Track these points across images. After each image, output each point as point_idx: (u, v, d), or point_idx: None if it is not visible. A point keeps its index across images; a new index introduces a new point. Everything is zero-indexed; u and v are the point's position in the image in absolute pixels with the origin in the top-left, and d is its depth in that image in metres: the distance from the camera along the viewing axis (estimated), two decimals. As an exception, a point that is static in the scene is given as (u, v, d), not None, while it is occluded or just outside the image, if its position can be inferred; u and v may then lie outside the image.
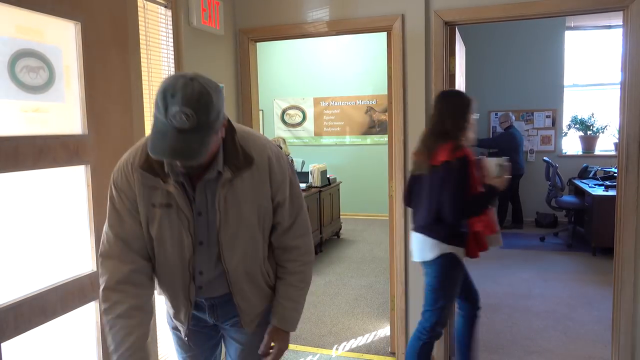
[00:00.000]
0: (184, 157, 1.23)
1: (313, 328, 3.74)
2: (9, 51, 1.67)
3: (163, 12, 2.58)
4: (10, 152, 1.65)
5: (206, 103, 1.21)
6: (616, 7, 2.54)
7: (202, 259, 1.49)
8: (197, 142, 1.22)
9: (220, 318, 1.62)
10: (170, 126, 1.20)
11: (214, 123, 1.25)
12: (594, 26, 7.18)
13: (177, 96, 1.19)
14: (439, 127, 2.39)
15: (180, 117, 1.19)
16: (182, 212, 1.41)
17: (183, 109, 1.18)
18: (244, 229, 1.46)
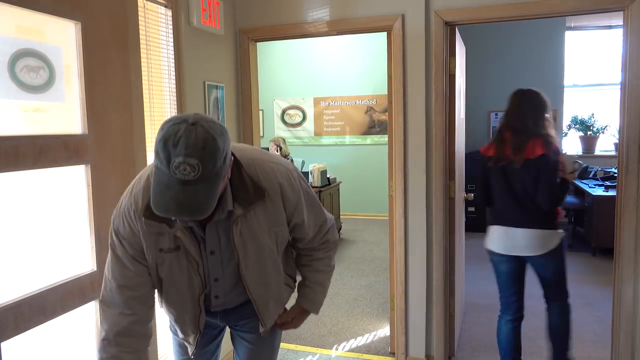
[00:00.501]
0: (191, 212, 1.13)
1: (313, 328, 3.74)
2: (9, 51, 1.67)
3: (163, 12, 2.58)
4: (11, 151, 1.65)
5: (212, 150, 1.11)
6: (616, 7, 2.54)
7: (217, 290, 1.49)
8: (204, 194, 1.13)
9: (232, 321, 1.62)
10: (173, 178, 1.10)
11: (220, 170, 1.15)
12: (594, 26, 7.18)
13: (180, 145, 1.09)
14: (521, 125, 2.61)
15: (184, 169, 1.09)
16: (190, 255, 1.37)
17: (187, 159, 1.08)
18: (266, 258, 1.44)
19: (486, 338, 3.49)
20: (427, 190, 2.95)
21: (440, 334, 3.03)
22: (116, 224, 1.37)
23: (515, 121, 2.65)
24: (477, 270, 5.03)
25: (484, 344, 3.39)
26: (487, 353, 3.27)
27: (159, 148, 1.11)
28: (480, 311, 3.98)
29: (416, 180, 2.96)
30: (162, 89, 2.58)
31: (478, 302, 4.18)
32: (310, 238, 1.55)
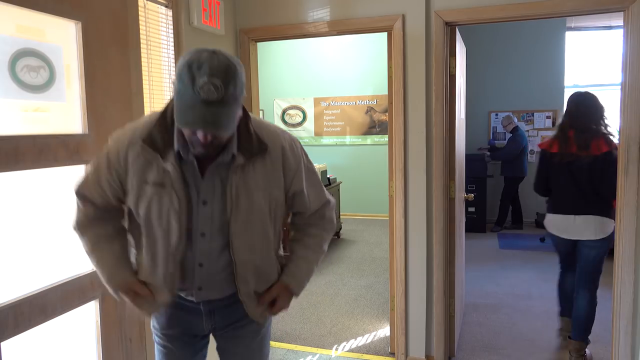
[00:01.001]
0: (215, 127, 1.20)
1: (313, 328, 3.74)
2: (9, 50, 1.67)
3: (164, 12, 2.58)
4: (11, 151, 1.65)
5: (233, 74, 1.20)
6: (616, 8, 2.54)
7: (203, 251, 1.42)
8: (225, 116, 1.20)
9: (218, 324, 1.57)
10: (197, 98, 1.17)
11: (239, 96, 1.24)
12: (595, 27, 7.18)
13: (204, 68, 1.17)
14: (583, 125, 2.93)
15: (208, 89, 1.16)
16: (174, 195, 1.35)
17: (212, 79, 1.16)
18: (256, 218, 1.42)
19: (486, 338, 3.49)
20: (427, 191, 2.95)
21: (441, 334, 3.03)
22: (108, 148, 1.44)
23: (577, 121, 2.97)
24: (477, 270, 5.03)
25: (484, 344, 3.39)
26: (487, 353, 3.27)
27: (183, 72, 1.18)
28: (481, 311, 3.98)
29: (416, 181, 2.96)
30: (163, 89, 2.59)
31: (478, 302, 4.18)
32: (311, 213, 1.55)
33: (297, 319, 3.93)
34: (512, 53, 7.12)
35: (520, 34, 7.01)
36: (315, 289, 4.62)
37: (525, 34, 7.01)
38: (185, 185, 1.37)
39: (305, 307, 4.18)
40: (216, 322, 1.56)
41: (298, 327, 3.77)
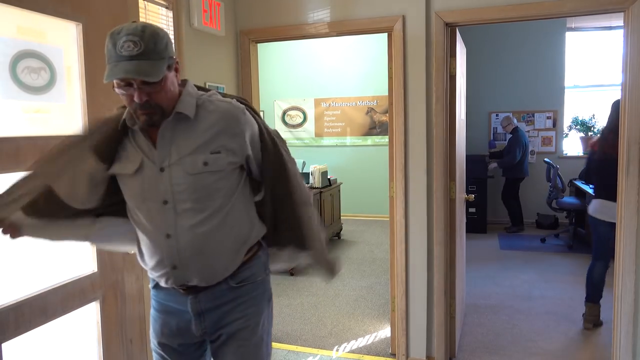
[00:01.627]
0: (139, 74, 1.27)
1: (313, 329, 3.74)
2: (10, 52, 1.67)
3: (164, 13, 2.58)
4: (12, 152, 1.66)
5: (151, 33, 1.30)
6: (617, 8, 2.54)
7: (168, 221, 1.44)
8: (149, 66, 1.29)
9: (208, 330, 1.54)
10: (120, 57, 1.27)
11: (162, 52, 1.32)
12: (595, 27, 7.18)
13: (122, 31, 1.29)
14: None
15: (128, 46, 1.27)
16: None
17: (129, 37, 1.27)
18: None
19: (487, 339, 3.49)
20: (427, 191, 2.95)
21: (441, 335, 3.03)
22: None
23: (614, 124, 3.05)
24: (477, 271, 5.03)
25: (485, 345, 3.39)
26: (487, 354, 3.26)
27: (106, 43, 1.30)
28: (481, 312, 3.98)
29: (417, 181, 2.96)
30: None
31: (479, 303, 4.18)
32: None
33: (298, 319, 3.93)
34: (513, 54, 7.11)
35: (520, 34, 7.01)
36: (316, 290, 4.62)
37: (525, 35, 7.00)
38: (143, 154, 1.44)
39: (306, 308, 4.18)
40: (206, 325, 1.53)
41: (299, 328, 3.77)
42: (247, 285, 1.55)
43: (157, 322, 1.58)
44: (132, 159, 1.44)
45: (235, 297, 1.54)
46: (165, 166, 1.42)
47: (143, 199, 1.44)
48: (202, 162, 1.41)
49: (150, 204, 1.43)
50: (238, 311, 1.54)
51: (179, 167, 1.41)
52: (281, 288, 4.68)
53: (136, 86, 1.30)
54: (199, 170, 1.41)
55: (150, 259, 1.49)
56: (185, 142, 1.42)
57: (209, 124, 1.43)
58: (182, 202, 1.42)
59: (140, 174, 1.43)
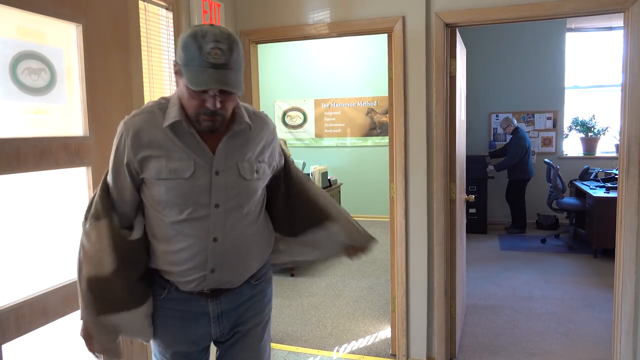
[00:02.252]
0: (228, 85, 1.28)
1: (314, 330, 3.74)
2: (10, 53, 1.67)
3: (164, 14, 2.58)
4: (12, 153, 1.66)
5: (235, 41, 1.31)
6: (617, 9, 2.54)
7: (217, 224, 1.44)
8: (234, 77, 1.30)
9: (225, 328, 1.55)
10: (207, 63, 1.26)
11: (241, 62, 1.34)
12: (595, 28, 7.18)
13: (208, 36, 1.27)
14: None
15: (216, 53, 1.26)
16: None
17: (218, 44, 1.26)
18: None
19: (487, 339, 3.48)
20: (427, 192, 2.95)
21: (442, 335, 3.02)
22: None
23: None
24: (478, 271, 5.03)
25: (485, 346, 3.39)
26: (488, 354, 3.26)
27: (188, 43, 1.28)
28: (481, 313, 3.97)
29: (417, 182, 2.96)
30: (163, 91, 2.59)
31: (479, 303, 4.18)
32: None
33: (298, 320, 3.93)
34: (513, 54, 7.12)
35: (520, 35, 7.02)
36: (317, 291, 4.62)
37: (525, 35, 7.01)
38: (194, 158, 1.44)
39: (307, 309, 4.17)
40: (224, 326, 1.55)
41: (299, 328, 3.76)
42: (263, 282, 1.62)
43: (170, 331, 1.53)
44: (184, 162, 1.39)
45: (253, 295, 1.58)
46: (221, 170, 1.43)
47: (193, 202, 1.41)
48: (255, 169, 1.48)
49: (199, 208, 1.41)
50: (253, 308, 1.59)
51: (235, 171, 1.44)
52: (281, 289, 4.68)
53: (213, 94, 1.31)
54: (251, 176, 1.47)
55: (185, 263, 1.45)
56: (241, 149, 1.46)
57: (259, 134, 1.51)
58: (232, 206, 1.45)
59: (192, 178, 1.40)
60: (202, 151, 1.41)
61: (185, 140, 1.40)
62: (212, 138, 1.42)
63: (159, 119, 1.40)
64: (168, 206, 1.41)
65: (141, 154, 1.39)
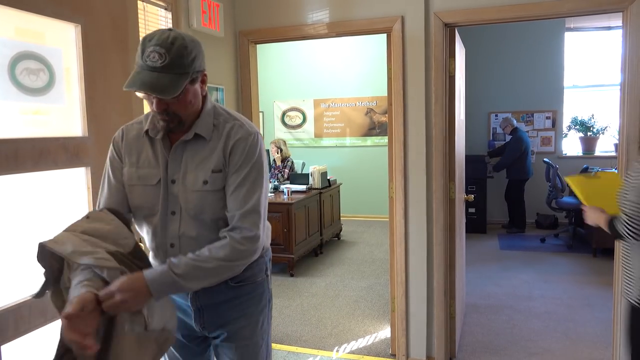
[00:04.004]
0: (154, 89, 1.29)
1: (314, 330, 3.74)
2: (9, 53, 1.67)
3: (163, 14, 2.58)
4: (10, 154, 1.65)
5: (179, 46, 1.31)
6: (615, 8, 2.54)
7: (173, 231, 1.46)
8: (167, 81, 1.30)
9: (208, 326, 1.56)
10: (144, 65, 1.30)
11: (187, 66, 1.33)
12: (594, 27, 7.18)
13: (154, 39, 1.31)
14: None
15: (153, 57, 1.29)
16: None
17: (156, 48, 1.29)
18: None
19: (487, 339, 3.48)
20: (427, 192, 2.95)
21: (441, 335, 3.02)
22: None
23: None
24: (477, 271, 5.03)
25: (485, 345, 3.39)
26: (487, 354, 3.26)
27: (138, 47, 1.33)
28: (481, 312, 3.98)
29: (416, 182, 2.96)
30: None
31: (479, 303, 4.18)
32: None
33: (298, 320, 3.93)
34: (512, 54, 7.12)
35: (519, 34, 7.02)
36: (316, 291, 4.62)
37: (524, 35, 7.01)
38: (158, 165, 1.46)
39: (306, 309, 4.17)
40: (205, 320, 1.55)
41: (299, 329, 3.76)
42: (247, 285, 1.56)
43: None
44: (151, 168, 1.46)
45: (235, 296, 1.55)
46: (176, 179, 1.44)
47: (156, 208, 1.45)
48: (202, 180, 1.42)
49: (159, 214, 1.45)
50: (237, 310, 1.56)
51: (185, 182, 1.44)
52: (281, 289, 4.68)
53: (154, 96, 1.33)
54: (199, 187, 1.42)
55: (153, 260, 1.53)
56: (192, 158, 1.45)
57: (218, 144, 1.44)
58: (189, 215, 1.44)
59: (157, 185, 1.45)
60: (164, 158, 1.45)
61: (155, 147, 1.47)
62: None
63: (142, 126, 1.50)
64: (136, 209, 1.50)
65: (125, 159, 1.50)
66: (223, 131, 1.45)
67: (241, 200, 1.40)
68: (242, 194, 1.41)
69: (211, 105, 1.50)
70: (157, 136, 1.45)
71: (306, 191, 5.70)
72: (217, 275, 1.39)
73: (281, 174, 6.37)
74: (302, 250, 5.34)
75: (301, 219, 5.30)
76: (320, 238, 5.87)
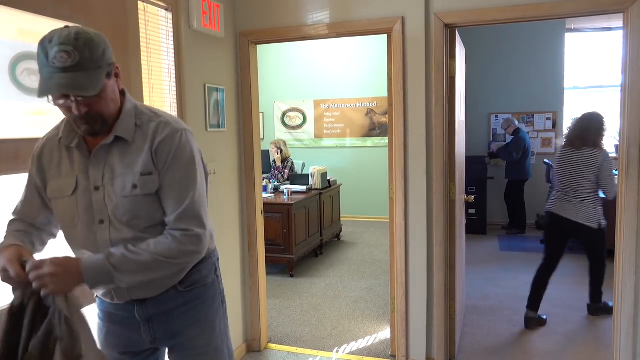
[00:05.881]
0: (74, 88, 1.20)
1: (313, 330, 3.74)
2: (10, 54, 1.67)
3: (164, 15, 2.58)
4: (11, 154, 1.65)
5: (85, 40, 1.21)
6: (616, 9, 2.54)
7: (103, 240, 1.37)
8: (85, 77, 1.21)
9: (159, 334, 1.48)
10: (53, 69, 1.18)
11: (99, 60, 1.23)
12: (594, 28, 7.18)
13: (54, 40, 1.19)
14: None
15: (61, 57, 1.17)
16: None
17: (62, 47, 1.18)
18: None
19: (487, 340, 3.48)
20: (427, 193, 2.95)
21: (441, 336, 3.02)
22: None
23: None
24: (477, 272, 5.03)
25: (485, 347, 3.39)
26: (487, 356, 3.26)
27: (38, 51, 1.21)
28: (481, 314, 3.97)
29: (416, 183, 2.96)
30: (163, 92, 2.59)
31: (479, 304, 4.18)
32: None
33: (298, 321, 3.93)
34: (512, 55, 7.12)
35: (519, 35, 7.02)
36: (316, 291, 4.62)
37: (524, 36, 7.01)
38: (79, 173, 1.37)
39: (306, 310, 4.17)
40: (155, 331, 1.47)
41: (298, 329, 3.76)
42: (197, 288, 1.50)
43: (102, 332, 1.52)
44: (68, 178, 1.37)
45: (186, 302, 1.48)
46: (99, 185, 1.35)
47: (79, 218, 1.36)
48: (132, 184, 1.33)
49: (85, 224, 1.36)
50: (190, 316, 1.49)
51: (111, 187, 1.34)
52: (281, 289, 4.68)
53: (73, 99, 1.22)
54: (128, 192, 1.33)
55: None
56: (117, 163, 1.35)
57: (144, 145, 1.35)
58: (118, 222, 1.35)
59: (75, 194, 1.36)
60: (83, 164, 1.36)
61: (71, 155, 1.38)
62: None
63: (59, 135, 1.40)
64: (59, 221, 1.42)
65: (43, 174, 1.41)
66: (148, 131, 1.36)
67: (176, 202, 1.34)
68: (175, 194, 1.34)
69: (132, 105, 1.39)
70: (72, 144, 1.35)
71: (306, 192, 5.70)
72: (153, 270, 1.30)
73: (281, 175, 6.37)
74: (302, 250, 5.34)
75: (301, 220, 5.30)
76: (321, 239, 5.87)
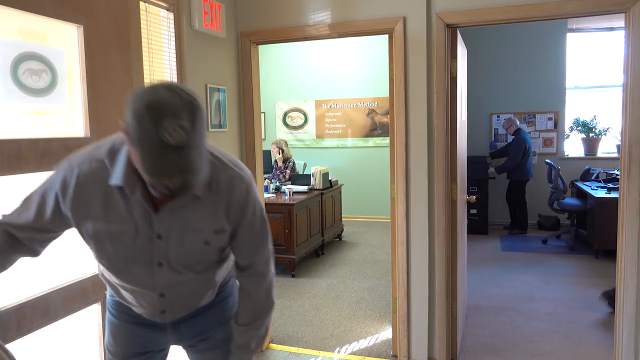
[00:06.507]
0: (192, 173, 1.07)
1: (315, 331, 3.74)
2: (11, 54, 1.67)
3: (165, 15, 2.58)
4: (13, 154, 1.66)
5: (196, 107, 1.07)
6: (618, 9, 2.54)
7: (162, 281, 1.36)
8: (198, 158, 1.08)
9: (184, 335, 1.51)
10: (164, 143, 1.02)
11: (205, 135, 1.12)
12: (596, 28, 7.17)
13: (165, 107, 1.03)
14: None
15: (178, 134, 1.02)
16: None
17: (177, 121, 1.02)
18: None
19: (489, 341, 3.48)
20: (429, 193, 2.95)
21: (443, 336, 3.02)
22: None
23: None
24: (479, 272, 5.02)
25: (487, 347, 3.38)
26: (489, 355, 3.26)
27: (143, 115, 1.03)
28: (483, 313, 3.97)
29: (418, 183, 2.96)
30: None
31: (480, 304, 4.17)
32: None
33: (299, 321, 3.93)
34: (514, 55, 7.11)
35: (521, 35, 7.01)
36: (318, 292, 4.62)
37: (526, 36, 7.00)
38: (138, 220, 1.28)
39: (307, 310, 4.17)
40: (182, 333, 1.51)
41: (300, 329, 3.76)
42: (223, 291, 1.55)
43: (121, 333, 1.52)
44: (124, 224, 1.27)
45: (213, 304, 1.53)
46: (163, 235, 1.28)
47: (133, 260, 1.31)
48: (204, 241, 1.31)
49: (141, 265, 1.32)
50: (215, 316, 1.53)
51: (179, 240, 1.29)
52: (282, 290, 4.68)
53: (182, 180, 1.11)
54: (199, 248, 1.32)
55: (135, 306, 1.44)
56: (186, 216, 1.28)
57: (216, 201, 1.29)
58: (179, 266, 1.33)
59: (132, 241, 1.29)
60: (144, 211, 1.26)
61: (128, 199, 1.25)
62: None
63: (107, 172, 1.24)
64: (102, 260, 1.34)
65: (79, 210, 1.27)
66: (219, 185, 1.28)
67: (253, 255, 1.40)
68: (253, 250, 1.40)
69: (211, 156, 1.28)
70: (134, 193, 1.23)
71: (308, 192, 5.70)
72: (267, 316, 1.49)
73: (282, 175, 6.37)
74: (304, 251, 5.34)
75: (302, 220, 5.30)
76: (322, 239, 5.87)
